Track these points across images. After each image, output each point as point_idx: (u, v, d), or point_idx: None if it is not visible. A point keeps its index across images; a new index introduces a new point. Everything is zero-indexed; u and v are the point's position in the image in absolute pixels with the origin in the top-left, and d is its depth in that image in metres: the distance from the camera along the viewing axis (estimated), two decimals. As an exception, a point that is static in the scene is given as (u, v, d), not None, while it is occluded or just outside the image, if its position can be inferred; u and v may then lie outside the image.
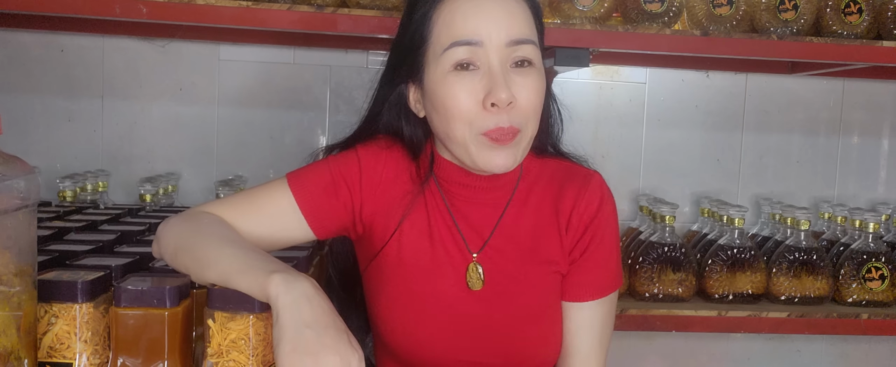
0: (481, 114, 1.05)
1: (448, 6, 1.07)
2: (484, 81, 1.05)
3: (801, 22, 1.77)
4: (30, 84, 1.95)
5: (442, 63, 1.06)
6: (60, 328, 0.93)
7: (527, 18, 1.09)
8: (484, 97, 1.05)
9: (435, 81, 1.08)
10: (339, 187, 1.15)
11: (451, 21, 1.06)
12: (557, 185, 1.18)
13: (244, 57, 2.01)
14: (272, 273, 0.90)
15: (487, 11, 1.06)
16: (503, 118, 1.05)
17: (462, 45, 1.05)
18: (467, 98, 1.05)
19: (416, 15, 1.10)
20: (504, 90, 1.03)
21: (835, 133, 2.22)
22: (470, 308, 1.15)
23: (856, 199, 2.24)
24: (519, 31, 1.06)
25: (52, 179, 1.84)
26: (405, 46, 1.12)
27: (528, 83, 1.07)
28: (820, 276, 1.85)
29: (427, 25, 1.08)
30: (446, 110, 1.07)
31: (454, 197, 1.17)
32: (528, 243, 1.17)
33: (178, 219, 1.09)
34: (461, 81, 1.05)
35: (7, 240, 0.84)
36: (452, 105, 1.06)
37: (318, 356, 0.85)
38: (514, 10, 1.07)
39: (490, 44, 1.05)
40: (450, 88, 1.06)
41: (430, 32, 1.08)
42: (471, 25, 1.05)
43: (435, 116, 1.10)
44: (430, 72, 1.09)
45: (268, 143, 2.03)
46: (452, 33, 1.06)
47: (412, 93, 1.14)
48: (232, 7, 1.55)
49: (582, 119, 2.10)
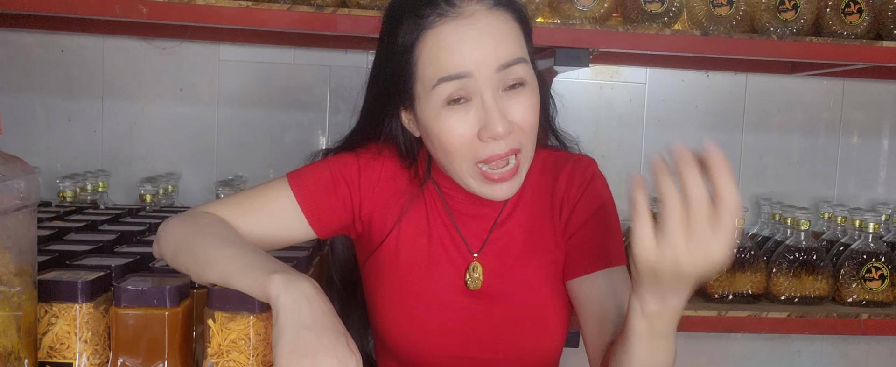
0: (477, 144, 1.03)
1: (432, 38, 1.02)
2: (478, 113, 1.02)
3: (801, 22, 1.77)
4: (30, 84, 1.95)
5: (433, 99, 1.03)
6: (60, 328, 0.93)
7: (514, 35, 1.04)
8: (480, 130, 1.02)
9: (428, 117, 1.05)
10: (339, 186, 1.15)
11: (437, 56, 1.01)
12: (550, 174, 1.18)
13: (244, 57, 2.01)
14: (272, 273, 0.90)
15: (473, 39, 1.01)
16: (501, 144, 1.02)
17: (451, 81, 1.01)
18: (463, 132, 1.02)
19: (398, 44, 1.05)
20: (499, 123, 1.00)
21: (835, 133, 2.22)
22: (468, 307, 1.15)
23: (856, 199, 2.23)
24: (507, 53, 1.02)
25: (52, 180, 1.84)
26: (391, 76, 1.08)
27: (521, 104, 1.03)
28: (820, 276, 1.85)
29: (412, 58, 1.04)
30: (443, 146, 1.04)
31: (453, 200, 1.17)
32: (527, 237, 1.16)
33: (178, 219, 1.09)
34: (455, 116, 1.02)
35: (7, 240, 0.84)
36: (448, 141, 1.03)
37: (317, 358, 0.85)
38: (499, 30, 1.02)
39: (479, 74, 1.01)
40: (444, 125, 1.03)
41: (416, 66, 1.04)
42: (457, 58, 1.01)
43: (431, 147, 1.09)
44: (421, 105, 1.05)
45: (268, 143, 2.03)
46: (439, 68, 1.01)
47: (405, 116, 1.12)
48: (232, 7, 1.56)
49: (582, 119, 2.10)
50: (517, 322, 1.15)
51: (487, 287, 1.15)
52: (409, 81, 1.06)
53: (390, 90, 1.10)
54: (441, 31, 1.02)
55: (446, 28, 1.01)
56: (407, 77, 1.06)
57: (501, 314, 1.15)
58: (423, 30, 1.03)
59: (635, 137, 2.15)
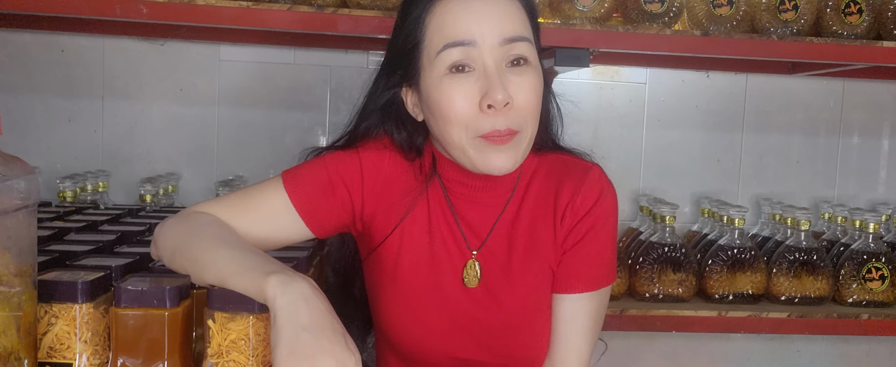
0: (478, 117, 1.04)
1: (440, 8, 1.06)
2: (480, 83, 1.04)
3: (801, 22, 1.77)
4: (30, 84, 1.95)
5: (436, 66, 1.05)
6: (60, 329, 0.93)
7: (520, 17, 1.07)
8: (480, 99, 1.03)
9: (430, 85, 1.07)
10: (337, 187, 1.14)
11: (443, 23, 1.05)
12: (556, 179, 1.17)
13: (244, 57, 2.01)
14: (269, 274, 0.90)
15: (479, 11, 1.04)
16: (500, 120, 1.03)
17: (455, 47, 1.04)
18: (463, 101, 1.04)
19: (408, 19, 1.09)
20: (500, 91, 1.02)
21: (835, 133, 2.22)
22: (465, 305, 1.15)
23: (856, 199, 2.24)
24: (512, 29, 1.05)
25: (53, 180, 1.84)
26: (399, 50, 1.11)
27: (524, 82, 1.05)
28: (820, 276, 1.85)
29: (420, 28, 1.07)
30: (442, 114, 1.06)
31: (456, 196, 1.17)
32: (526, 240, 1.16)
33: (174, 220, 1.09)
34: (456, 83, 1.04)
35: (7, 240, 0.84)
36: (448, 109, 1.05)
37: (315, 360, 0.85)
38: (506, 8, 1.06)
39: (483, 43, 1.04)
40: (445, 92, 1.05)
41: (424, 35, 1.07)
42: (463, 26, 1.04)
43: (432, 120, 1.10)
44: (425, 76, 1.08)
45: (268, 143, 2.03)
46: (445, 35, 1.05)
47: (409, 97, 1.13)
48: (232, 7, 1.55)
49: (582, 120, 2.10)
50: (512, 322, 1.15)
51: (484, 286, 1.15)
52: (415, 51, 1.08)
53: (398, 64, 1.12)
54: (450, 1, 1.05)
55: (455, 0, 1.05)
56: (413, 47, 1.08)
57: (497, 313, 1.15)
58: (433, 2, 1.06)
59: (635, 137, 2.15)
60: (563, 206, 1.15)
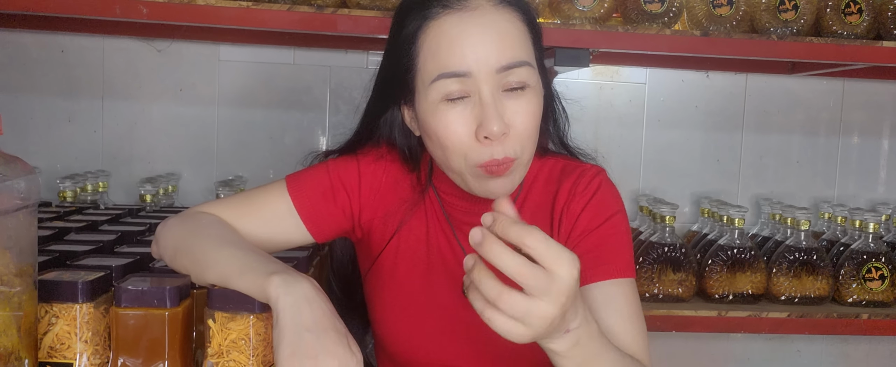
0: (475, 146, 1.00)
1: (434, 30, 1.00)
2: (475, 111, 0.99)
3: (801, 22, 1.77)
4: (30, 84, 1.95)
5: (431, 94, 1.00)
6: (61, 329, 0.93)
7: (519, 35, 1.01)
8: (476, 129, 0.99)
9: (426, 111, 1.03)
10: (338, 193, 1.14)
11: (437, 49, 1.00)
12: (556, 183, 1.16)
13: (244, 57, 2.01)
14: (271, 275, 0.90)
15: (475, 36, 0.98)
16: (498, 150, 0.99)
17: (449, 78, 0.98)
18: (459, 129, 1.00)
19: (402, 34, 1.04)
20: (496, 122, 0.97)
21: (835, 133, 2.22)
22: (464, 315, 1.14)
23: (856, 199, 2.24)
24: (510, 55, 0.99)
25: (53, 180, 1.84)
26: (393, 70, 1.07)
27: (521, 108, 1.00)
28: (820, 276, 1.85)
29: (413, 49, 1.02)
30: (440, 141, 1.02)
31: (453, 208, 1.16)
32: None
33: (176, 220, 1.09)
34: (452, 112, 1.00)
35: (7, 240, 0.84)
36: (445, 137, 1.01)
37: (318, 360, 0.85)
38: (503, 29, 1.00)
39: (479, 73, 0.98)
40: (441, 120, 1.01)
41: (417, 58, 1.02)
42: (457, 55, 0.98)
43: (429, 144, 1.07)
44: (420, 99, 1.04)
45: (268, 143, 2.03)
46: (439, 63, 0.99)
47: (407, 112, 1.11)
48: (232, 7, 1.55)
49: (582, 120, 2.10)
50: None
51: None
52: (410, 72, 1.04)
53: (393, 83, 1.08)
54: (444, 22, 1.00)
55: (449, 20, 1.00)
56: (408, 68, 1.04)
57: None
58: (427, 20, 1.01)
59: (635, 137, 2.15)
60: (559, 209, 1.14)
